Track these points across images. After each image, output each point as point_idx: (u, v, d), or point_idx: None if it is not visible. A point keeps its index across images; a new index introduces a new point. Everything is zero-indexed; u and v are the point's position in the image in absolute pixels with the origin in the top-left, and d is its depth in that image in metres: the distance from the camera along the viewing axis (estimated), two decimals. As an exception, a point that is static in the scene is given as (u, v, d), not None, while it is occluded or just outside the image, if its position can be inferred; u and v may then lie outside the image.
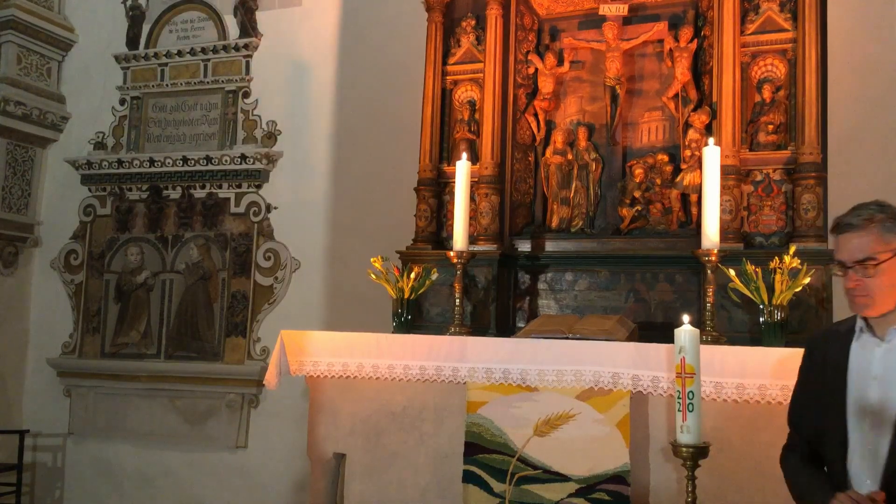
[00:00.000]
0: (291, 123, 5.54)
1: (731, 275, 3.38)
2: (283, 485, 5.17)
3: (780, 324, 3.30)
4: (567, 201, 4.27)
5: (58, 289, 6.00)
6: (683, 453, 2.73)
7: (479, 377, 3.33)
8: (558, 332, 3.43)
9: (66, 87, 6.23)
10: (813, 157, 3.56)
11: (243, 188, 5.57)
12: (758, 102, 3.78)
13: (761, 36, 3.79)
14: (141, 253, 5.79)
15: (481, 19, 4.32)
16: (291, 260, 5.42)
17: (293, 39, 5.57)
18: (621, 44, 4.18)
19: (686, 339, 2.78)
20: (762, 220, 3.71)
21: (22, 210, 6.02)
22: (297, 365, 3.70)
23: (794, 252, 3.31)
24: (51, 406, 5.83)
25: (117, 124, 6.03)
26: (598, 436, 3.15)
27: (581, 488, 3.14)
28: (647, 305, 3.90)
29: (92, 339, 5.84)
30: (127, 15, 6.07)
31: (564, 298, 4.09)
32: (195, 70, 5.83)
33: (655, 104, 4.23)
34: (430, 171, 4.31)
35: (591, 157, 4.25)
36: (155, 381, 5.56)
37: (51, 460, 5.80)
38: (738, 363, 3.00)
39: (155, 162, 5.72)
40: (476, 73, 4.35)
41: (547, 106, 4.40)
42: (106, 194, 5.96)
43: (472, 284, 4.01)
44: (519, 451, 3.25)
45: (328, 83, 5.46)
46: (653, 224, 4.07)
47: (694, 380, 2.75)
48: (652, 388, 3.09)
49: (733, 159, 3.66)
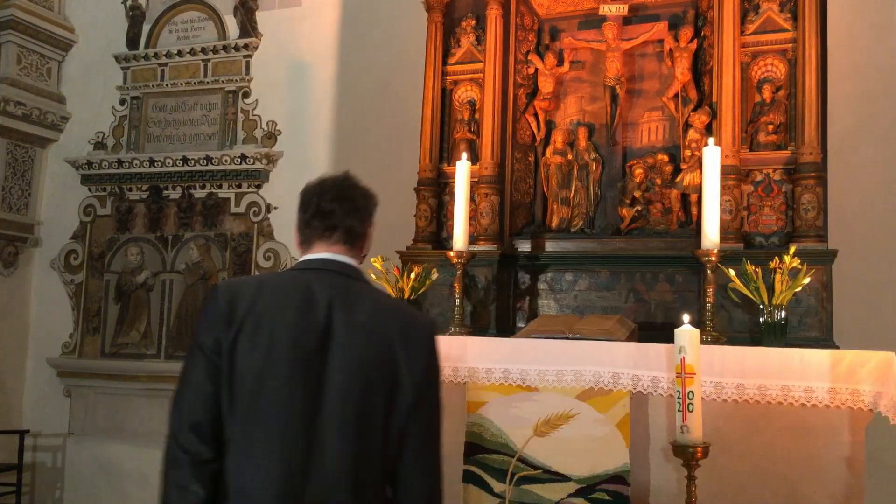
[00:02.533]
0: (291, 123, 5.54)
1: (731, 275, 3.38)
2: (283, 485, 5.16)
3: (780, 324, 3.30)
4: (567, 201, 4.27)
5: (58, 289, 6.00)
6: (683, 453, 2.73)
7: (479, 377, 3.33)
8: (558, 332, 3.43)
9: (66, 87, 6.23)
10: (813, 157, 3.56)
11: (243, 188, 5.57)
12: (758, 102, 3.78)
13: (761, 36, 3.79)
14: (141, 253, 5.79)
15: (481, 19, 4.32)
16: (291, 260, 5.42)
17: (293, 39, 5.57)
18: (621, 44, 4.18)
19: (686, 339, 2.79)
20: (762, 220, 3.71)
21: (22, 210, 6.01)
22: (297, 365, 3.70)
23: (794, 252, 3.31)
24: (51, 406, 5.83)
25: (117, 124, 6.03)
26: (598, 436, 3.16)
27: (581, 488, 3.14)
28: (647, 305, 3.90)
29: (92, 339, 5.84)
30: (127, 15, 6.06)
31: (564, 298, 4.09)
32: (195, 70, 5.83)
33: (655, 104, 4.23)
34: (430, 171, 4.31)
35: (591, 157, 4.25)
36: (155, 381, 5.55)
37: (51, 460, 5.80)
38: (738, 363, 3.00)
39: (155, 162, 5.72)
40: (476, 73, 4.35)
41: (547, 106, 4.40)
42: (106, 194, 5.96)
43: (472, 284, 4.01)
44: (519, 451, 3.25)
45: (328, 83, 5.46)
46: (653, 224, 4.07)
47: (694, 380, 2.75)
48: (652, 388, 3.09)
49: (733, 159, 3.66)
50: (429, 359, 1.81)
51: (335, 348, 1.72)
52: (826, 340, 3.41)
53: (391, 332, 1.77)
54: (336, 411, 1.69)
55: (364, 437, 1.70)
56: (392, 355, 1.74)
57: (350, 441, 1.69)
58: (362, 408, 1.70)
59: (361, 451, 1.70)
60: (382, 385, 1.73)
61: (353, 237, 1.87)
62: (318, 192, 1.88)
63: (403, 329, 1.79)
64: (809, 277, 3.31)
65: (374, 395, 1.72)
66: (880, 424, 2.92)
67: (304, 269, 1.86)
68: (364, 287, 1.85)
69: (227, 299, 1.75)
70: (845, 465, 2.90)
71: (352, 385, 1.70)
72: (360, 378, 1.71)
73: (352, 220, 1.86)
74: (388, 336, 1.76)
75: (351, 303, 1.77)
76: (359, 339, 1.74)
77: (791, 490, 2.95)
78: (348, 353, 1.72)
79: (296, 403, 1.68)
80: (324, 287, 1.78)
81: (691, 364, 2.75)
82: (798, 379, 2.93)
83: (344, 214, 1.85)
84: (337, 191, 1.87)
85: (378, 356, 1.74)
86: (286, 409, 1.68)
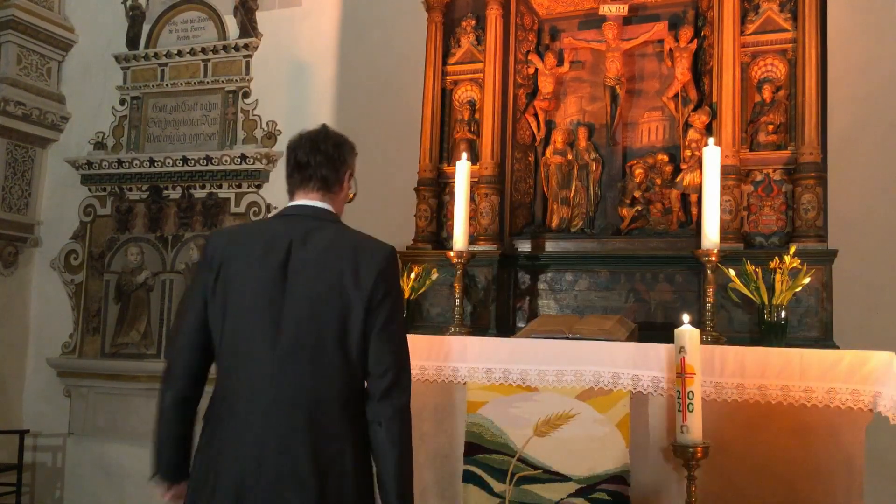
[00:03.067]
0: (291, 123, 5.53)
1: (731, 275, 3.38)
2: (283, 485, 5.17)
3: (780, 324, 3.30)
4: (567, 201, 4.27)
5: (58, 289, 6.00)
6: (683, 453, 2.74)
7: (479, 377, 3.33)
8: (558, 332, 3.43)
9: (66, 87, 6.23)
10: (813, 157, 3.56)
11: (243, 188, 5.57)
12: (758, 102, 3.78)
13: (761, 36, 3.79)
14: (141, 253, 5.79)
15: (481, 19, 4.33)
16: (291, 260, 5.43)
17: (293, 39, 5.57)
18: (621, 44, 4.18)
19: (686, 339, 2.79)
20: (762, 220, 3.71)
21: (22, 210, 6.02)
22: (297, 365, 3.70)
23: (794, 252, 3.31)
24: (51, 406, 5.83)
25: (117, 124, 6.03)
26: (598, 436, 3.16)
27: (581, 488, 3.14)
28: (647, 305, 3.90)
29: (92, 339, 5.84)
30: (127, 15, 6.06)
31: (564, 298, 4.09)
32: (195, 70, 5.83)
33: (655, 104, 4.23)
34: (430, 171, 4.31)
35: (591, 157, 4.25)
36: (155, 381, 5.47)
37: (51, 460, 5.80)
38: (738, 363, 3.00)
39: (155, 162, 5.72)
40: (476, 73, 4.35)
41: (547, 106, 4.40)
42: (106, 194, 5.96)
43: (472, 284, 4.01)
44: (519, 451, 3.25)
45: (328, 83, 5.46)
46: (653, 224, 4.07)
47: (694, 380, 2.76)
48: (652, 388, 3.09)
49: (733, 159, 3.66)
50: (377, 278, 1.99)
51: (290, 284, 1.97)
52: (826, 340, 3.41)
53: (342, 263, 1.99)
54: (291, 338, 1.94)
55: (318, 360, 1.95)
56: (341, 285, 1.96)
57: (305, 364, 1.94)
58: (315, 334, 1.95)
59: (317, 371, 1.94)
60: (332, 313, 1.96)
61: (328, 184, 2.12)
62: (296, 146, 2.14)
63: (354, 257, 2.00)
64: (809, 277, 3.31)
65: (325, 323, 1.95)
66: (880, 424, 2.92)
67: (279, 215, 2.16)
68: (329, 226, 2.08)
69: (210, 247, 2.10)
70: (845, 465, 2.90)
71: (302, 315, 1.95)
72: (310, 308, 1.96)
73: (324, 169, 2.11)
74: (339, 267, 1.98)
75: (308, 241, 2.02)
76: (309, 272, 1.98)
77: (791, 490, 2.95)
78: (300, 287, 1.96)
79: (260, 334, 1.96)
80: (289, 229, 2.04)
81: (691, 364, 2.76)
82: (798, 379, 2.93)
83: (317, 165, 2.10)
84: (311, 144, 2.12)
85: (327, 287, 1.97)
86: (253, 341, 1.97)
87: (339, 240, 2.06)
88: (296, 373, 1.94)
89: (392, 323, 2.01)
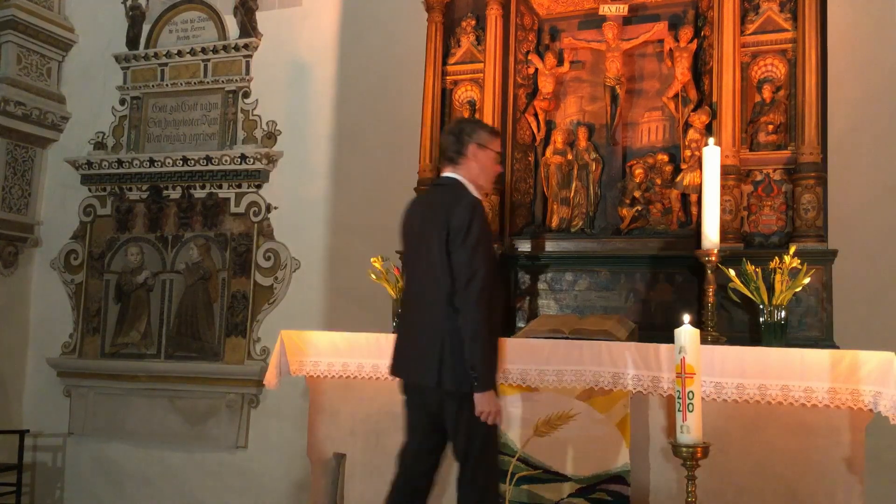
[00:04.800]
0: (291, 123, 5.54)
1: (731, 275, 3.38)
2: (283, 485, 5.17)
3: (780, 324, 3.30)
4: (567, 201, 4.27)
5: (58, 289, 6.00)
6: (683, 453, 2.74)
7: (479, 377, 3.32)
8: (558, 332, 3.43)
9: (66, 87, 6.23)
10: (813, 157, 3.56)
11: (243, 188, 5.57)
12: (758, 102, 3.78)
13: (761, 36, 3.79)
14: (141, 253, 5.79)
15: (481, 19, 4.33)
16: (291, 260, 5.43)
17: (293, 39, 5.57)
18: (621, 44, 4.18)
19: (686, 339, 2.78)
20: (762, 220, 3.71)
21: (22, 210, 6.02)
22: (297, 365, 3.70)
23: (794, 252, 3.31)
24: (51, 406, 5.83)
25: (117, 124, 6.03)
26: (598, 436, 3.16)
27: (581, 488, 3.14)
28: (647, 305, 3.90)
29: (92, 339, 5.84)
30: (127, 15, 6.06)
31: (564, 298, 4.09)
32: (195, 70, 5.84)
33: (655, 104, 4.23)
34: (430, 171, 4.31)
35: (591, 157, 4.25)
36: (155, 381, 5.55)
37: (51, 460, 5.80)
38: (738, 363, 3.01)
39: (155, 162, 5.72)
40: (476, 73, 4.35)
41: (547, 106, 4.40)
42: (106, 194, 5.96)
43: (472, 284, 4.01)
44: (519, 451, 3.25)
45: (328, 83, 5.46)
46: (653, 224, 4.07)
47: (694, 380, 2.75)
48: (652, 388, 3.09)
49: (733, 159, 3.66)
50: (454, 219, 2.89)
51: (420, 236, 3.04)
52: (826, 340, 3.41)
53: (441, 215, 2.94)
54: (422, 269, 3.02)
55: (432, 281, 2.94)
56: (439, 231, 2.91)
57: (425, 284, 2.99)
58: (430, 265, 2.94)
59: (431, 287, 2.95)
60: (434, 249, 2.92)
61: (454, 159, 3.09)
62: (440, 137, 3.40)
63: (448, 211, 2.92)
64: (809, 277, 3.31)
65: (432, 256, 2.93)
66: (880, 424, 2.92)
67: (430, 186, 3.64)
68: (449, 190, 3.04)
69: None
70: (845, 465, 2.90)
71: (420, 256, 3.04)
72: (425, 249, 2.98)
73: (449, 151, 3.11)
74: (440, 219, 2.93)
75: (430, 203, 3.10)
76: (426, 226, 3.00)
77: (791, 490, 2.95)
78: (421, 237, 3.02)
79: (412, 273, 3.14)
80: (427, 195, 3.36)
81: (691, 364, 2.75)
82: (798, 379, 2.93)
83: (445, 148, 3.14)
84: (442, 136, 3.27)
85: (432, 232, 2.94)
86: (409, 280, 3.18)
87: (444, 198, 3.00)
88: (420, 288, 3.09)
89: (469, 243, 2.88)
